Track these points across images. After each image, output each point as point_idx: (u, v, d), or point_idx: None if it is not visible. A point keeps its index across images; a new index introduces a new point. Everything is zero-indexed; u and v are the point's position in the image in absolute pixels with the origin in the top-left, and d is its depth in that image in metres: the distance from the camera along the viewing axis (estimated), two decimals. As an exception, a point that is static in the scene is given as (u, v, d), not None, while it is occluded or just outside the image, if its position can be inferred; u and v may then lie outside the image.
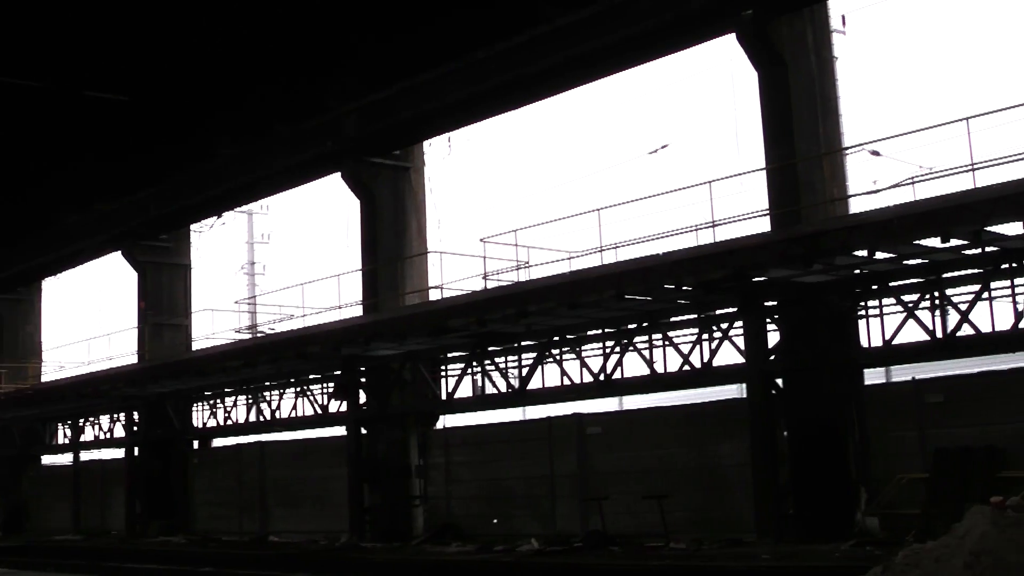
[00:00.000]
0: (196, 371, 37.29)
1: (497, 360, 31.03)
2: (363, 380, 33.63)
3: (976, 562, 11.71)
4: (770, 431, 24.62)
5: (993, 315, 22.30)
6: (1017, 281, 22.19)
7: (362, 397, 33.74)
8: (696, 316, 26.57)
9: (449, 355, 32.36)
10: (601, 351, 28.57)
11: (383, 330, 29.96)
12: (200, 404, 42.04)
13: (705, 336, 26.49)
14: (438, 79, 31.07)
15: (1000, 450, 21.71)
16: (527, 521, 30.00)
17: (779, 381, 24.80)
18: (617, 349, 28.07)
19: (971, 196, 19.58)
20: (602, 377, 28.29)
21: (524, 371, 30.26)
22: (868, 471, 23.76)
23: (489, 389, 31.25)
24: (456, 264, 37.99)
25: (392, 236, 33.70)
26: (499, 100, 30.91)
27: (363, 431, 33.56)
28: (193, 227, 44.56)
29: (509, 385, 30.60)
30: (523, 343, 30.17)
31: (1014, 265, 21.87)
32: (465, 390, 31.88)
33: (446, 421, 34.07)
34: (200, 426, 42.17)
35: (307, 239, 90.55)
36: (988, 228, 19.96)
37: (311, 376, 36.33)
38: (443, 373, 32.82)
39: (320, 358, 33.01)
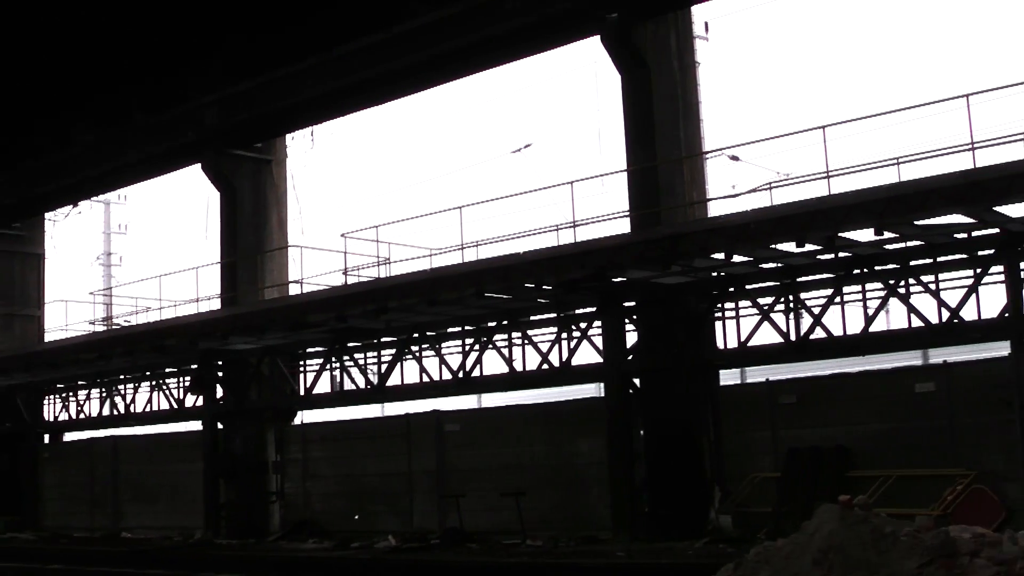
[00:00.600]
0: (48, 363, 36.48)
1: (356, 356, 30.92)
2: (220, 374, 33.24)
3: (824, 559, 11.99)
4: (627, 430, 24.87)
5: (845, 319, 22.85)
6: (868, 286, 22.78)
7: (219, 392, 33.34)
8: (555, 315, 26.76)
9: (308, 350, 32.16)
10: (461, 348, 28.63)
11: (241, 324, 29.63)
12: (52, 397, 41.12)
13: (564, 335, 26.71)
14: (302, 72, 30.78)
15: (849, 450, 22.23)
16: (385, 518, 29.92)
17: (636, 381, 25.05)
18: (476, 347, 28.15)
19: (826, 202, 20.00)
20: (461, 375, 28.35)
21: (383, 367, 30.19)
22: (722, 470, 24.14)
23: (348, 385, 31.10)
24: (317, 259, 37.87)
25: (252, 229, 33.36)
26: (363, 95, 30.76)
27: (219, 426, 33.20)
28: (48, 216, 43.54)
29: (368, 381, 30.49)
30: (383, 339, 30.10)
31: (866, 270, 22.44)
32: (324, 386, 31.70)
33: (304, 417, 33.82)
34: (51, 420, 41.23)
35: (166, 230, 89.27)
36: (842, 234, 20.40)
37: (167, 370, 35.82)
38: (302, 368, 32.60)
39: (177, 352, 32.53)
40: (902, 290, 22.14)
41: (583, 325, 26.35)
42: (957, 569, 11.43)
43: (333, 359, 31.32)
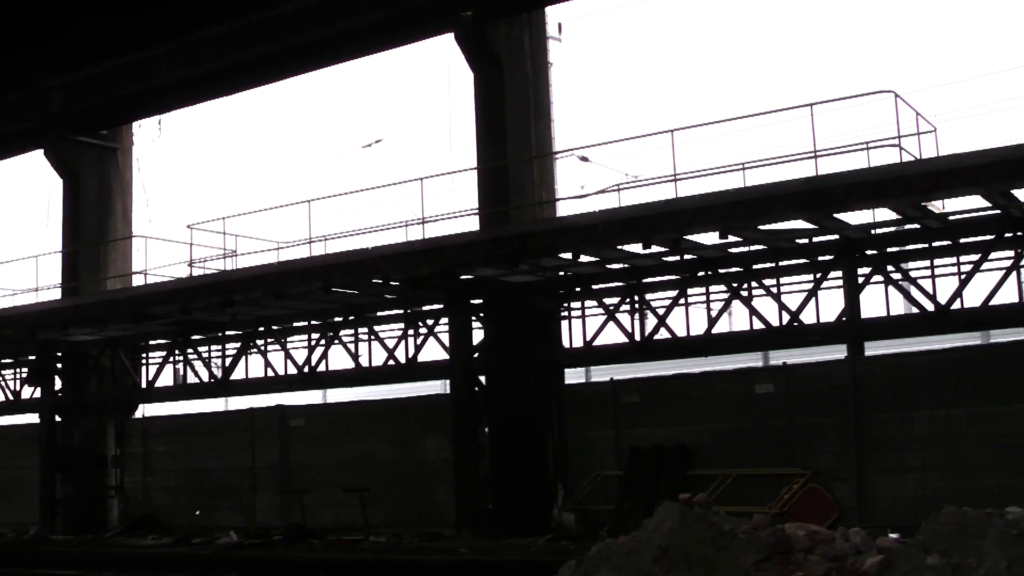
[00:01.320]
0: None
1: (201, 349, 30.49)
2: (59, 366, 32.48)
3: (664, 556, 12.18)
4: (472, 427, 24.94)
5: (688, 320, 23.23)
6: (712, 288, 23.19)
7: (57, 383, 32.58)
8: (403, 312, 26.73)
9: (151, 342, 31.62)
10: (307, 343, 28.43)
11: (82, 314, 28.96)
12: None
13: (411, 332, 26.69)
14: (152, 59, 30.13)
15: (690, 449, 22.60)
16: (228, 513, 29.56)
17: (482, 378, 25.13)
18: (323, 342, 27.99)
19: (673, 205, 20.26)
20: (307, 369, 28.16)
21: (228, 361, 29.83)
22: (566, 468, 24.35)
23: (191, 378, 30.67)
24: (162, 250, 37.02)
25: (96, 218, 32.60)
26: (213, 85, 30.27)
27: (57, 419, 32.39)
28: None
29: (212, 375, 30.08)
30: (228, 332, 29.74)
31: (710, 273, 22.84)
32: (167, 379, 31.23)
33: (146, 410, 33.24)
34: None
35: (4, 217, 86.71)
36: (687, 237, 20.70)
37: (3, 360, 34.83)
38: (144, 361, 32.03)
39: (14, 342, 31.66)
40: (745, 293, 22.59)
41: (430, 322, 26.36)
42: (792, 565, 11.70)
43: (176, 352, 30.85)
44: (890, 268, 21.35)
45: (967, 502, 11.83)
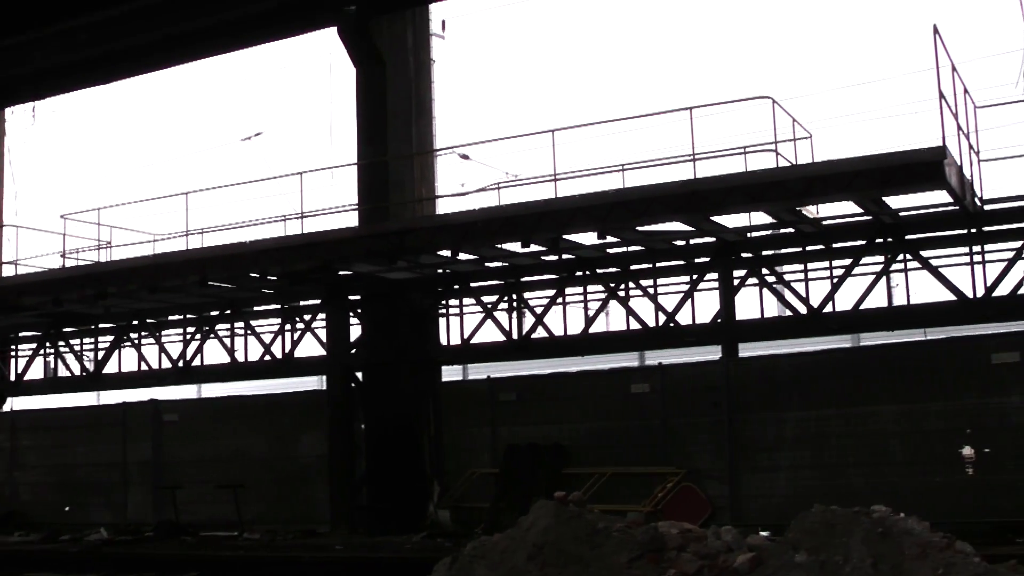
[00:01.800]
0: None
1: (73, 342, 29.94)
2: (-76, 357, 31.69)
3: (539, 553, 12.22)
4: (348, 424, 24.86)
5: (566, 319, 23.37)
6: (590, 288, 23.36)
7: (-78, 375, 31.80)
8: (280, 306, 26.53)
9: (21, 334, 30.96)
10: (182, 337, 28.06)
11: (-51, 305, 28.28)
12: None
13: (288, 327, 26.50)
14: (26, 44, 29.38)
15: (566, 447, 22.75)
16: (98, 510, 29.05)
17: (359, 375, 25.05)
18: (198, 336, 27.66)
19: (552, 205, 20.32)
20: (181, 364, 27.81)
21: (100, 354, 29.33)
22: (442, 465, 24.36)
23: (63, 372, 30.10)
24: (34, 240, 36.37)
25: (-37, 207, 31.87)
26: (91, 72, 29.66)
27: (-79, 412, 31.62)
28: None
29: (84, 368, 29.56)
30: (101, 325, 29.23)
31: (587, 273, 23.01)
32: (37, 372, 30.58)
33: (14, 404, 32.54)
34: None
35: None
36: (566, 236, 20.81)
37: None
38: (13, 353, 31.35)
39: None
40: (622, 293, 22.80)
41: (307, 317, 26.20)
42: (665, 563, 11.82)
43: (48, 344, 30.26)
44: (765, 271, 21.70)
45: (836, 501, 12.06)
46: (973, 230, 20.03)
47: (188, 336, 27.88)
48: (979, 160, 20.05)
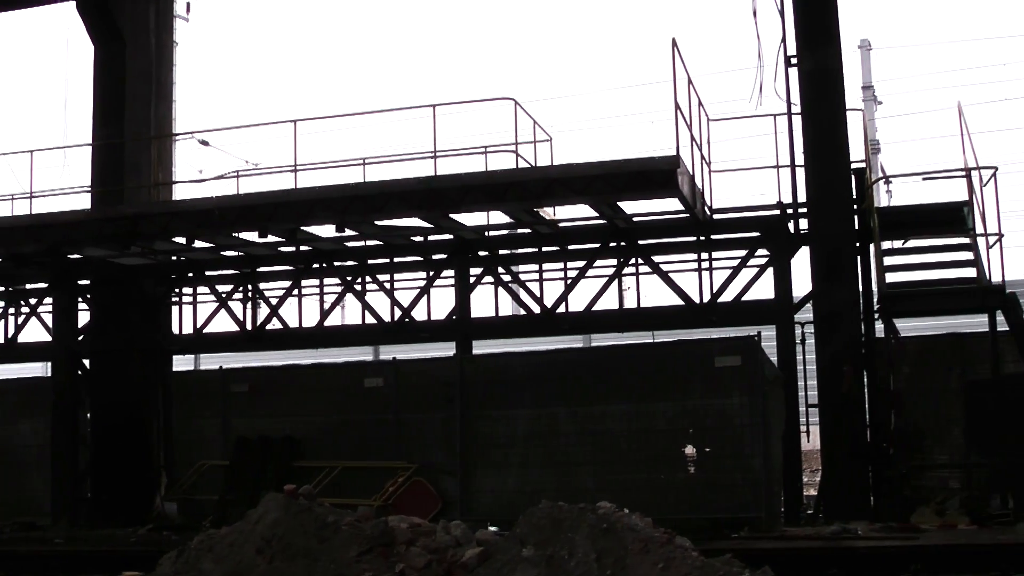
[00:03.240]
0: None
1: None
2: None
3: (267, 547, 12.14)
4: (72, 413, 24.12)
5: (302, 312, 23.25)
6: (327, 281, 23.29)
7: None
8: (4, 289, 25.55)
9: None
10: None
11: None
12: None
13: (12, 311, 25.57)
14: None
15: (298, 440, 22.55)
16: None
17: (87, 362, 24.36)
18: (-86, 318, 26.41)
19: (291, 196, 20.18)
20: None
21: None
22: (171, 457, 23.84)
23: None
24: None
25: None
26: None
27: None
28: None
29: None
30: None
31: (324, 265, 22.92)
32: None
33: None
34: None
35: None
36: (304, 228, 20.71)
37: None
38: None
39: None
40: (359, 287, 22.79)
41: (33, 301, 25.32)
42: (394, 557, 11.89)
43: None
44: (501, 270, 22.02)
45: (565, 497, 12.34)
46: (702, 238, 20.77)
47: (-98, 317, 26.58)
48: (710, 171, 20.83)
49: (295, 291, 23.24)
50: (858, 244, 19.72)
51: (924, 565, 14.55)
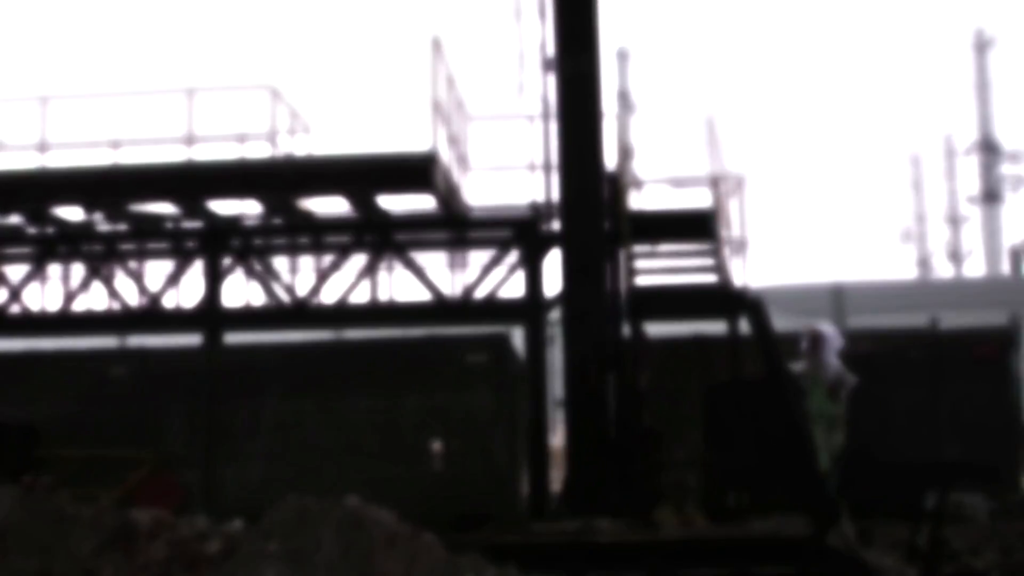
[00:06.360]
0: None
1: None
2: None
3: (2, 541, 11.76)
4: None
5: (44, 296, 22.56)
6: (73, 265, 22.66)
7: None
8: None
9: None
10: None
11: None
12: None
13: None
14: None
15: (37, 430, 21.84)
16: None
17: None
18: None
19: (37, 175, 19.63)
20: None
21: None
22: None
23: None
24: None
25: None
26: None
27: None
28: None
29: None
30: None
31: (70, 248, 22.29)
32: None
33: None
34: None
35: None
36: (51, 209, 20.13)
37: None
38: None
39: None
40: (106, 272, 22.25)
41: None
42: (136, 550, 11.67)
43: None
44: (254, 260, 21.79)
45: (312, 490, 12.30)
46: (456, 235, 20.97)
47: None
48: (467, 169, 21.05)
49: (39, 274, 22.51)
50: (610, 247, 20.17)
51: (663, 558, 15.03)
